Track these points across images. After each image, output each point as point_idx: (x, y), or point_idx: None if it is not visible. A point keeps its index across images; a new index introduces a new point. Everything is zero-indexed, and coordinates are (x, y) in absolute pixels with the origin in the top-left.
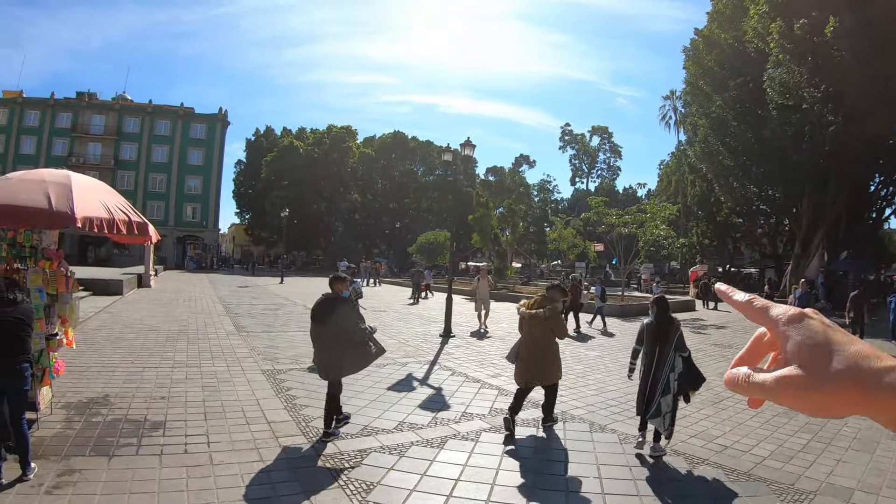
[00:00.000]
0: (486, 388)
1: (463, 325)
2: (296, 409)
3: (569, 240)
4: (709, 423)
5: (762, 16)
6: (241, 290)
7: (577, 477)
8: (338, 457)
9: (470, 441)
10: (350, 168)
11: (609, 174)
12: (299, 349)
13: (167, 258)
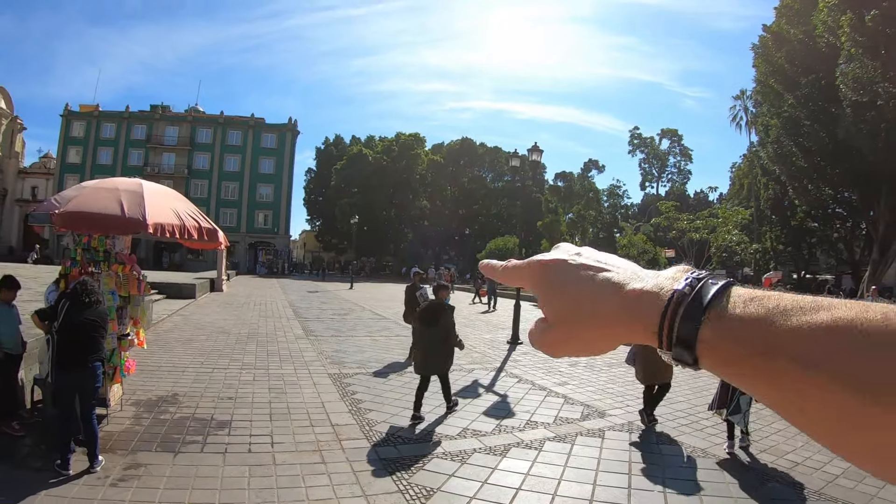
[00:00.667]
0: (552, 396)
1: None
2: (360, 412)
3: (639, 246)
4: (779, 437)
5: (832, 8)
6: (311, 294)
7: (642, 490)
8: (399, 461)
9: (533, 450)
10: (419, 175)
11: (679, 178)
12: (366, 354)
13: (239, 263)
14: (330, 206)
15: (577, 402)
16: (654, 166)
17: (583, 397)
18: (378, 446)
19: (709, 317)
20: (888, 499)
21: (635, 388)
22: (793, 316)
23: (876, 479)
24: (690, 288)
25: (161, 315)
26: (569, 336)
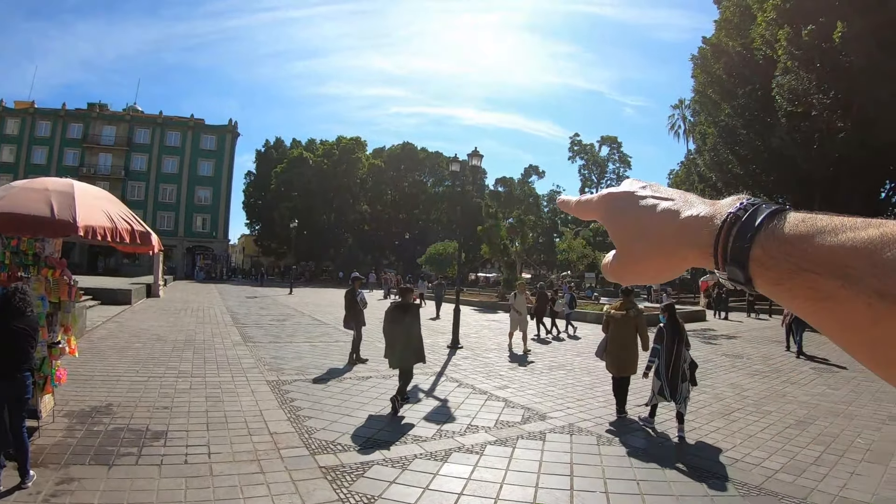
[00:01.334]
0: (493, 399)
1: (471, 337)
2: (299, 420)
3: (578, 250)
4: (719, 435)
5: (770, 23)
6: (250, 300)
7: (583, 491)
8: (339, 469)
9: (475, 454)
10: (359, 179)
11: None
12: (305, 360)
13: (176, 268)
14: (269, 210)
15: (518, 406)
16: (594, 172)
17: (523, 400)
18: (317, 454)
19: (760, 236)
20: (827, 491)
21: (575, 390)
22: (842, 233)
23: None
24: (744, 211)
25: (95, 322)
26: (635, 263)
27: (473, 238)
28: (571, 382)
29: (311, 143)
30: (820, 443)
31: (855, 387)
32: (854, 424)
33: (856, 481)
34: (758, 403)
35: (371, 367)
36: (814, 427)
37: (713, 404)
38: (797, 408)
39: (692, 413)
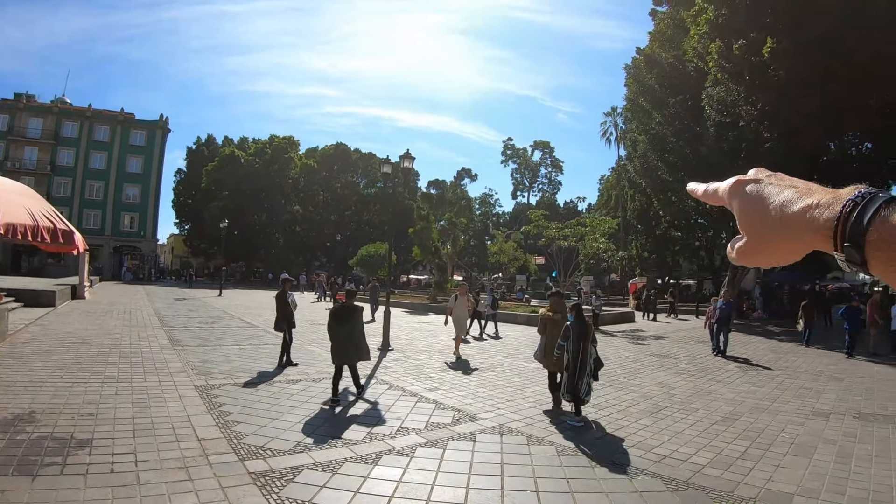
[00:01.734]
0: (423, 401)
1: (402, 339)
2: (227, 425)
3: (509, 253)
4: (647, 433)
5: (702, 36)
6: (178, 302)
7: (514, 490)
8: (269, 475)
9: (405, 456)
10: (291, 179)
11: (550, 188)
12: (234, 363)
13: (103, 269)
14: (199, 210)
15: (448, 407)
16: (526, 176)
17: (453, 402)
18: (247, 460)
19: (876, 222)
20: (754, 484)
21: (505, 391)
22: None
23: (741, 465)
24: (861, 198)
25: (17, 325)
26: (760, 246)
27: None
28: (501, 384)
29: (243, 141)
30: (746, 438)
31: (779, 384)
32: (778, 420)
33: (781, 474)
34: (685, 401)
35: (301, 370)
36: (739, 423)
37: (641, 403)
38: (723, 405)
39: (621, 412)
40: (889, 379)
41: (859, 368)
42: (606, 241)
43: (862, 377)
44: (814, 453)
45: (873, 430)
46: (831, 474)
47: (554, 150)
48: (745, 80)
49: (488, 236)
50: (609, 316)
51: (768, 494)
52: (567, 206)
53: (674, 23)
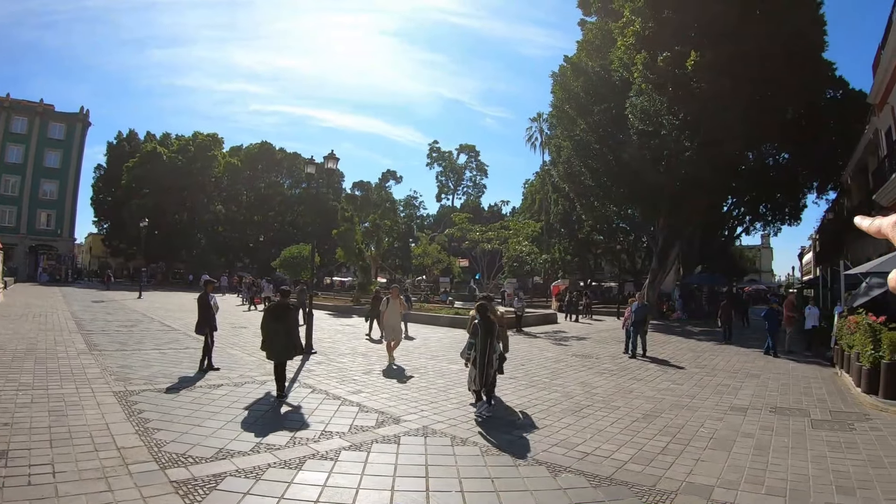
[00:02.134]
0: (347, 405)
1: (325, 342)
2: (147, 433)
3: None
4: (570, 431)
5: (628, 47)
6: (96, 305)
7: (439, 492)
8: (190, 483)
9: (329, 461)
10: (214, 178)
11: (475, 192)
12: (154, 368)
13: (18, 269)
14: (119, 208)
15: (372, 410)
16: (451, 179)
17: (377, 405)
18: (168, 468)
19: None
20: (675, 478)
21: (429, 393)
22: None
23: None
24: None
25: None
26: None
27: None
28: (425, 385)
29: (165, 137)
30: (666, 433)
31: (698, 381)
32: (698, 416)
33: (701, 467)
34: (607, 400)
35: (223, 374)
36: (660, 420)
37: (564, 402)
38: (644, 402)
39: (544, 411)
40: (803, 375)
41: (775, 365)
42: (530, 244)
43: (778, 373)
44: (732, 447)
45: (789, 424)
46: (750, 466)
47: (479, 153)
48: (668, 90)
49: (412, 238)
50: (532, 318)
51: (689, 487)
52: (491, 209)
53: (602, 33)
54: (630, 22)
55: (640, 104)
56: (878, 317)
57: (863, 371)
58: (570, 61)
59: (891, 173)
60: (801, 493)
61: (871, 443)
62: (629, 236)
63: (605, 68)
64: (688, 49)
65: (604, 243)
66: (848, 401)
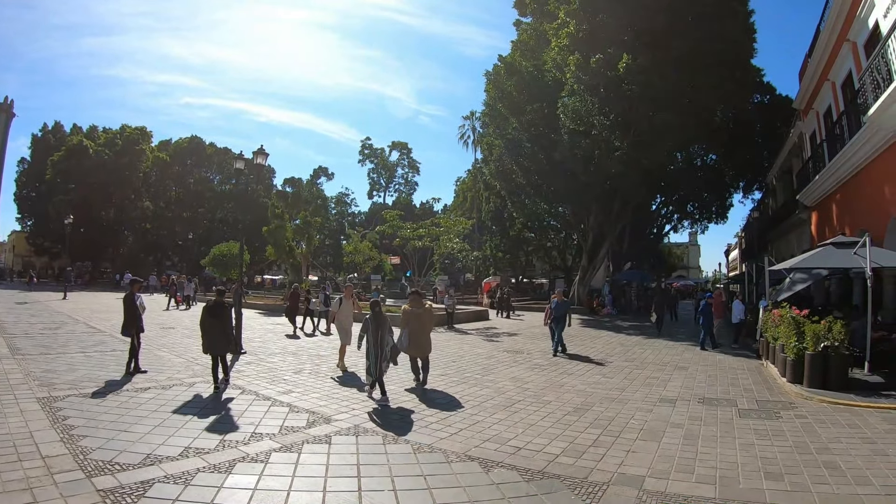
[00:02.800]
0: (277, 405)
1: (255, 342)
2: (73, 440)
3: (364, 253)
4: (501, 426)
5: (562, 48)
6: (19, 306)
7: (372, 491)
8: (118, 491)
9: (259, 463)
10: (142, 173)
11: (406, 189)
12: (79, 372)
13: None
14: (44, 204)
15: (303, 410)
16: (383, 176)
17: (308, 404)
18: (94, 476)
19: None
20: (606, 469)
21: (361, 391)
22: None
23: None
24: None
25: None
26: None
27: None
28: (357, 384)
29: (92, 130)
30: (597, 426)
31: (627, 374)
32: (628, 408)
33: (632, 458)
34: (538, 395)
35: (150, 377)
36: (591, 413)
37: (496, 398)
38: (575, 396)
39: (476, 407)
40: (731, 367)
41: (703, 357)
42: (461, 241)
43: (705, 366)
44: (662, 437)
45: (717, 413)
46: (680, 456)
47: (411, 151)
48: (599, 92)
49: (344, 236)
50: (463, 314)
51: (621, 478)
52: (423, 206)
53: (536, 34)
54: (564, 24)
55: (572, 104)
56: (802, 310)
57: (788, 362)
58: (504, 61)
59: (814, 175)
60: (731, 480)
61: (797, 430)
62: (560, 234)
63: (539, 68)
64: (620, 52)
65: (535, 240)
66: (774, 390)
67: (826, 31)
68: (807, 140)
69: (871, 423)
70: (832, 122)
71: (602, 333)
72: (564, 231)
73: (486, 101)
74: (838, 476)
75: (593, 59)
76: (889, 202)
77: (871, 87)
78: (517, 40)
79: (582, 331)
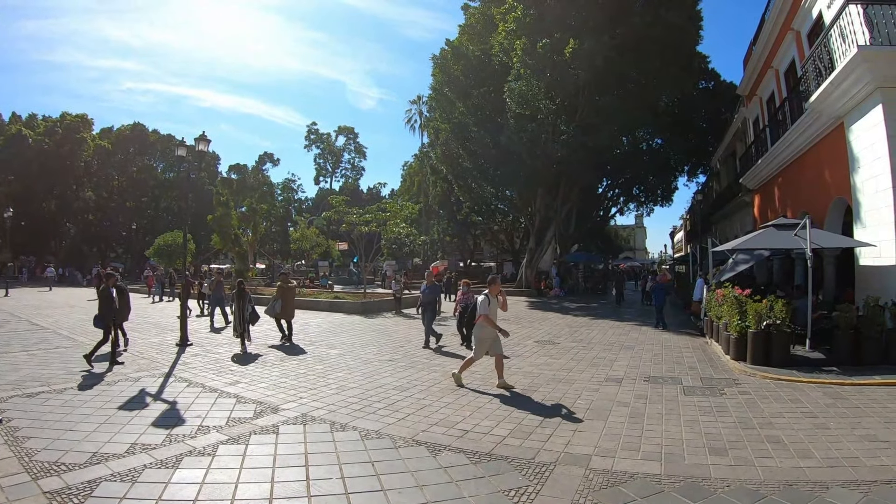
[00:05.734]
0: (224, 397)
1: (201, 333)
2: (17, 442)
3: (312, 239)
4: (449, 410)
5: (509, 33)
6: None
7: (320, 480)
8: (64, 492)
9: (207, 456)
10: (84, 162)
11: (353, 174)
12: (22, 372)
13: None
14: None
15: (250, 401)
16: (329, 162)
17: (255, 395)
18: (40, 478)
19: None
20: (553, 449)
21: (308, 380)
22: None
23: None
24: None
25: None
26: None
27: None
28: (304, 372)
29: (31, 118)
30: (543, 408)
31: (574, 356)
32: (575, 388)
33: (579, 437)
34: (485, 378)
35: (94, 373)
36: (538, 393)
37: (443, 382)
38: (522, 378)
39: (423, 391)
40: (676, 345)
41: (648, 337)
42: (408, 226)
43: (651, 345)
44: (608, 416)
45: (662, 392)
46: (626, 434)
47: (358, 135)
48: (546, 76)
49: (291, 223)
50: (411, 299)
51: (568, 457)
52: (370, 191)
53: (484, 18)
54: (512, 8)
55: (519, 88)
56: (744, 290)
57: (731, 340)
58: (451, 45)
59: (757, 159)
60: (676, 457)
61: (741, 406)
62: (507, 217)
63: (486, 53)
64: (567, 37)
65: (483, 224)
66: (718, 368)
67: (771, 20)
68: (750, 125)
69: (812, 397)
70: (775, 109)
71: (549, 315)
72: (512, 214)
73: (433, 85)
74: (781, 450)
75: (540, 43)
76: (829, 185)
77: (813, 74)
78: (465, 24)
79: (530, 312)
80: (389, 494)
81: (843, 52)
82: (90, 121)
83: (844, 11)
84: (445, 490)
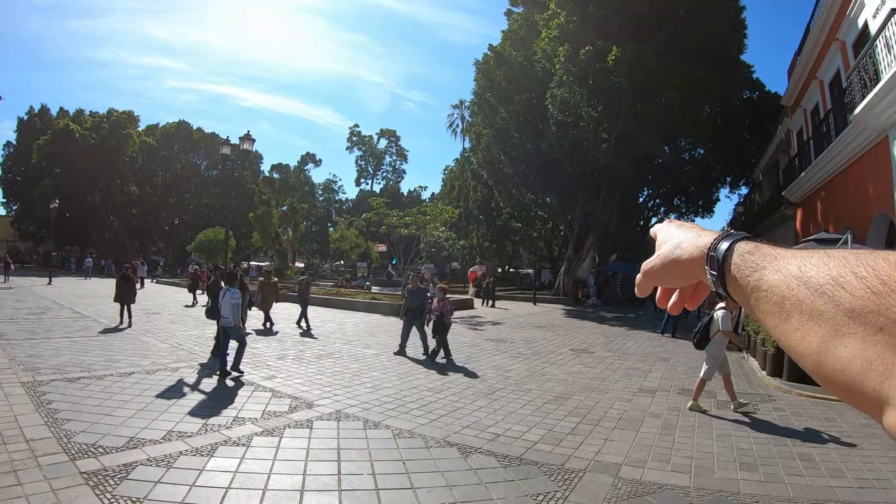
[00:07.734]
0: (260, 390)
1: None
2: (57, 423)
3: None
4: (482, 413)
5: (552, 40)
6: (3, 291)
7: (351, 475)
8: (102, 474)
9: (241, 446)
10: (129, 158)
11: (394, 177)
12: (63, 357)
13: None
14: (29, 188)
15: (285, 395)
16: (371, 164)
17: (290, 390)
18: (78, 459)
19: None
20: (583, 456)
21: (343, 377)
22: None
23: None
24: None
25: None
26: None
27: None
28: (339, 370)
29: (79, 113)
30: (576, 415)
31: (609, 365)
32: (608, 397)
33: (609, 446)
34: (519, 383)
35: (135, 362)
36: (571, 401)
37: (477, 385)
38: (555, 385)
39: (457, 394)
40: None
41: (684, 349)
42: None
43: (687, 357)
44: (640, 427)
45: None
46: (657, 445)
47: (400, 138)
48: (588, 83)
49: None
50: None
51: (597, 465)
52: (411, 194)
53: (527, 24)
54: (555, 14)
55: (561, 95)
56: None
57: (768, 355)
58: (494, 50)
59: (800, 171)
60: (706, 470)
61: (775, 422)
62: (546, 224)
63: (529, 59)
64: (609, 44)
65: (522, 230)
66: (753, 383)
67: (815, 30)
68: (794, 137)
69: (847, 417)
70: (819, 120)
71: (586, 324)
72: (551, 221)
73: (476, 90)
74: (813, 468)
75: (582, 50)
76: (872, 200)
77: (858, 86)
78: (508, 30)
79: (566, 321)
80: (419, 492)
81: (888, 64)
82: (136, 117)
83: (890, 21)
84: (474, 491)
